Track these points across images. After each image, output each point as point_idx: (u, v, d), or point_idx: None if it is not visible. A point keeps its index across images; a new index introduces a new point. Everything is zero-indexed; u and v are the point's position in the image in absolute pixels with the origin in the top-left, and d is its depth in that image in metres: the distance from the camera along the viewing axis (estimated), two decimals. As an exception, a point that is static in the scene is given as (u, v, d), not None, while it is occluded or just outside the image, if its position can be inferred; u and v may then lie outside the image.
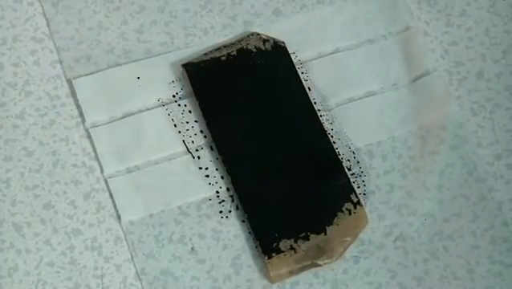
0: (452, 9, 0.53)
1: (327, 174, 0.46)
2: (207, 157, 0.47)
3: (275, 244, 0.44)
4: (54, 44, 0.49)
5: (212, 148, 0.47)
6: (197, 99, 0.47)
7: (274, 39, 0.49)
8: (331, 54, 0.51)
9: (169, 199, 0.46)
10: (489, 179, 0.48)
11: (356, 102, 0.49)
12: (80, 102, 0.47)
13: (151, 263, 0.44)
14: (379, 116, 0.49)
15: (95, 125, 0.47)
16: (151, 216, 0.45)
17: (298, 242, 0.44)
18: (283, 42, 0.49)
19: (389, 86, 0.50)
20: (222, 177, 0.46)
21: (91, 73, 0.48)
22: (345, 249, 0.45)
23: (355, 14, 0.52)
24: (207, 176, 0.46)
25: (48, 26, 0.50)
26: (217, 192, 0.46)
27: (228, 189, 0.46)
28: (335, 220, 0.45)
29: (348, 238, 0.45)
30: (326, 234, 0.44)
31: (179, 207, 0.45)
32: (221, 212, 0.46)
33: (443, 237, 0.46)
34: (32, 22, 0.50)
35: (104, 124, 0.47)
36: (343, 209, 0.45)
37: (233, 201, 0.46)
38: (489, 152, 0.49)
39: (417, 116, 0.49)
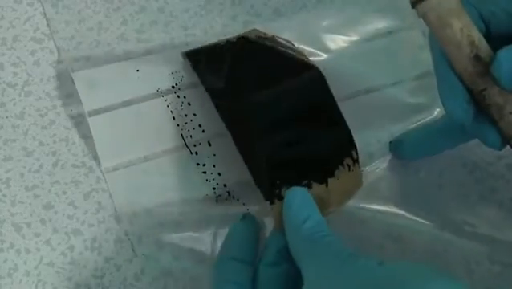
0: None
1: (329, 126, 0.45)
2: (205, 153, 0.47)
3: (277, 190, 0.43)
4: (55, 44, 0.49)
5: (210, 144, 0.47)
6: (201, 81, 0.47)
7: (273, 35, 0.49)
8: (331, 52, 0.51)
9: (168, 197, 0.45)
10: (489, 179, 0.48)
11: (356, 99, 0.49)
12: (78, 91, 0.46)
13: (151, 263, 0.44)
14: (379, 114, 0.49)
15: (93, 114, 0.46)
16: (151, 216, 0.45)
17: None
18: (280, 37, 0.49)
19: (390, 84, 0.50)
20: (219, 174, 0.46)
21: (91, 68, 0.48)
22: (341, 206, 0.44)
23: (356, 14, 0.52)
24: (204, 172, 0.46)
25: (48, 26, 0.50)
26: (214, 188, 0.46)
27: (225, 185, 0.46)
28: (336, 173, 0.44)
29: (346, 196, 0.44)
30: (327, 185, 0.44)
31: (179, 207, 0.45)
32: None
33: (443, 237, 0.46)
34: (32, 22, 0.50)
35: (103, 112, 0.46)
36: (344, 163, 0.44)
37: (229, 196, 0.46)
38: (489, 152, 0.49)
39: (418, 114, 0.49)
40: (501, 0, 0.40)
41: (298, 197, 0.39)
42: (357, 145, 0.48)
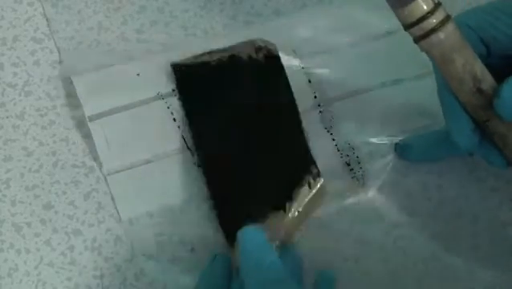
0: (452, 8, 0.53)
1: (287, 145, 0.46)
2: None
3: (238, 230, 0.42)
4: (55, 44, 0.49)
5: None
6: (179, 99, 0.47)
7: (268, 49, 0.49)
8: (332, 50, 0.51)
9: (168, 198, 0.45)
10: (489, 179, 0.48)
11: (356, 98, 0.49)
12: (78, 95, 0.47)
13: (151, 264, 0.44)
14: (379, 113, 0.49)
15: (93, 119, 0.47)
16: (151, 216, 0.45)
17: (258, 222, 0.43)
18: (277, 51, 0.49)
19: (389, 84, 0.50)
20: None
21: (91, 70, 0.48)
22: (301, 225, 0.44)
23: (355, 14, 0.52)
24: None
25: (48, 26, 0.50)
26: None
27: None
28: (294, 195, 0.44)
29: (307, 212, 0.44)
30: (285, 211, 0.44)
31: (179, 207, 0.45)
32: None
33: (443, 237, 0.46)
34: (32, 22, 0.50)
35: (103, 117, 0.47)
36: (303, 182, 0.45)
37: None
38: (489, 152, 0.49)
39: (418, 114, 0.49)
40: (502, 25, 0.41)
41: (249, 240, 0.39)
42: (357, 145, 0.48)
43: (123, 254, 0.44)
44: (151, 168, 0.46)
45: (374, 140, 0.49)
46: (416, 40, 0.39)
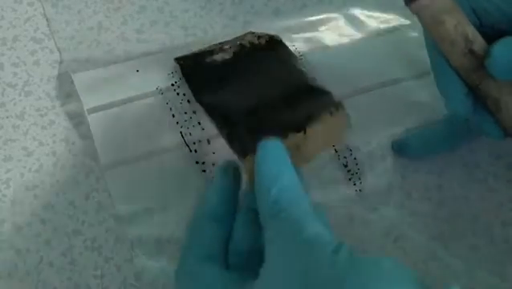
0: None
1: (301, 86, 0.46)
2: (204, 151, 0.47)
3: (251, 144, 0.39)
4: (55, 44, 0.49)
5: (209, 142, 0.47)
6: (190, 88, 0.47)
7: (269, 35, 0.49)
8: (332, 49, 0.51)
9: (167, 195, 0.45)
10: (489, 179, 0.48)
11: (356, 98, 0.49)
12: (78, 90, 0.47)
13: (151, 263, 0.44)
14: (379, 112, 0.49)
15: (92, 112, 0.46)
16: (149, 214, 0.45)
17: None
18: (278, 37, 0.49)
19: (390, 83, 0.50)
20: None
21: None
22: (321, 151, 0.43)
23: (356, 13, 0.52)
24: (204, 170, 0.46)
25: (48, 26, 0.50)
26: None
27: None
28: (314, 120, 0.43)
29: (327, 141, 0.44)
30: (305, 132, 0.42)
31: (178, 206, 0.45)
32: None
33: (443, 237, 0.46)
34: (32, 22, 0.50)
35: (102, 110, 0.46)
36: (326, 110, 0.43)
37: None
38: (489, 152, 0.49)
39: (418, 113, 0.49)
40: None
41: (270, 152, 0.37)
42: (356, 145, 0.48)
43: (123, 254, 0.44)
44: (149, 163, 0.46)
45: (373, 139, 0.49)
46: (407, 2, 0.40)
